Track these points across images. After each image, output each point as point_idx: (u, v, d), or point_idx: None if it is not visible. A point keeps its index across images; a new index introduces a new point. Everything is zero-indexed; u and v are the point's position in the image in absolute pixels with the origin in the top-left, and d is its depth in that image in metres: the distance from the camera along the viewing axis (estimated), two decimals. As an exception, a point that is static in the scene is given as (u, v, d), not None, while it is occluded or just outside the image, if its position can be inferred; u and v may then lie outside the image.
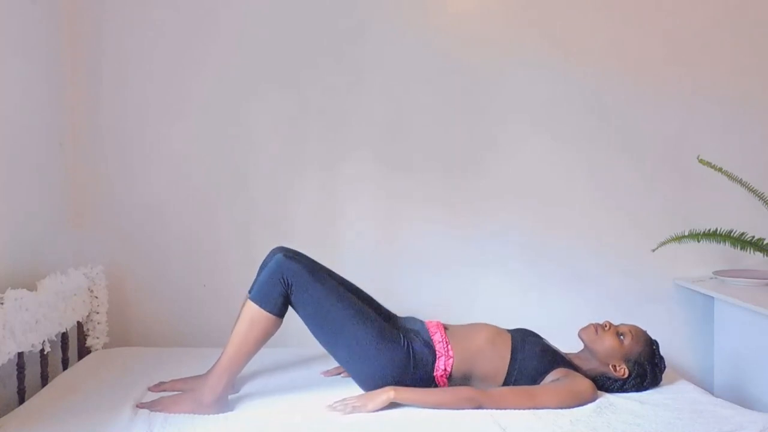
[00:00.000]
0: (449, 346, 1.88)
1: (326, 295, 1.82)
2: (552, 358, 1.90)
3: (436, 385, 1.86)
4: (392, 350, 1.83)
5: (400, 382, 1.81)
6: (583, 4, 2.56)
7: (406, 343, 1.86)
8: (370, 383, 1.82)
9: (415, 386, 1.82)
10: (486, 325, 1.99)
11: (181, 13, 2.49)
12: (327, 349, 1.89)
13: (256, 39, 2.51)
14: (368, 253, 2.54)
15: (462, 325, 2.00)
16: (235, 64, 2.51)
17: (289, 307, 1.84)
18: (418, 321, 2.01)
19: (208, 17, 2.50)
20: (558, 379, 1.85)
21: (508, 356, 1.89)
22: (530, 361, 1.87)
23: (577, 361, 1.96)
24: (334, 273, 1.98)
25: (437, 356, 1.86)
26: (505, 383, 1.87)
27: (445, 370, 1.85)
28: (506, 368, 1.87)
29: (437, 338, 1.90)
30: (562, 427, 1.64)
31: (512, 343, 1.92)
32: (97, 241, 2.48)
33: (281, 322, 1.81)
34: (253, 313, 1.78)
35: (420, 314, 2.41)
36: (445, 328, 1.96)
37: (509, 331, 1.98)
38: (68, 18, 2.43)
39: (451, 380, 1.87)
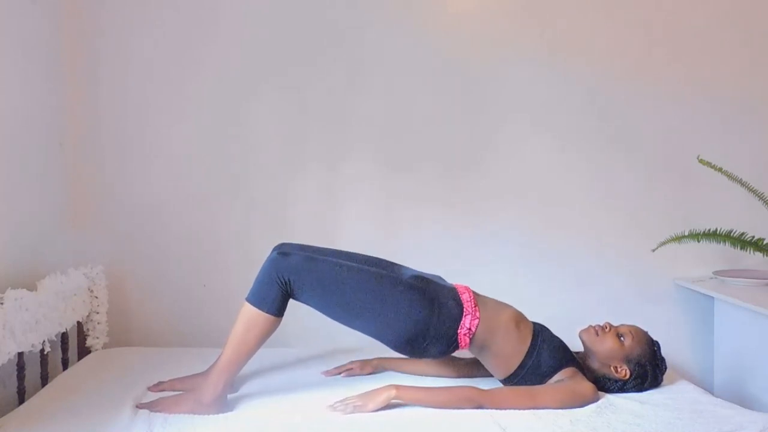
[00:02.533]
0: (477, 308, 1.87)
1: (328, 276, 1.80)
2: (566, 356, 1.90)
3: (457, 344, 1.84)
4: (413, 298, 1.81)
5: (424, 332, 1.79)
6: (583, 4, 2.56)
7: (430, 290, 1.84)
8: (401, 337, 1.80)
9: (436, 343, 1.81)
10: (513, 307, 1.97)
11: (181, 13, 2.49)
12: (351, 326, 1.86)
13: (256, 39, 2.51)
14: (368, 252, 2.53)
15: (490, 298, 1.97)
16: (234, 64, 2.52)
17: (288, 306, 1.83)
18: (444, 281, 1.98)
19: (208, 17, 2.50)
20: (561, 380, 1.85)
21: (528, 344, 1.88)
22: (548, 355, 1.87)
23: (581, 361, 1.96)
24: (336, 250, 1.96)
25: (464, 313, 1.84)
26: (516, 373, 1.87)
27: (470, 329, 1.83)
28: (523, 355, 1.86)
29: (465, 297, 1.89)
30: (562, 427, 1.64)
31: (533, 332, 1.91)
32: (97, 241, 2.48)
33: (280, 320, 1.81)
34: (251, 315, 1.77)
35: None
36: (474, 293, 1.94)
37: (531, 321, 1.97)
38: (68, 18, 2.43)
39: (472, 343, 1.85)
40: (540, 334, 1.92)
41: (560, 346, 1.92)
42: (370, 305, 1.80)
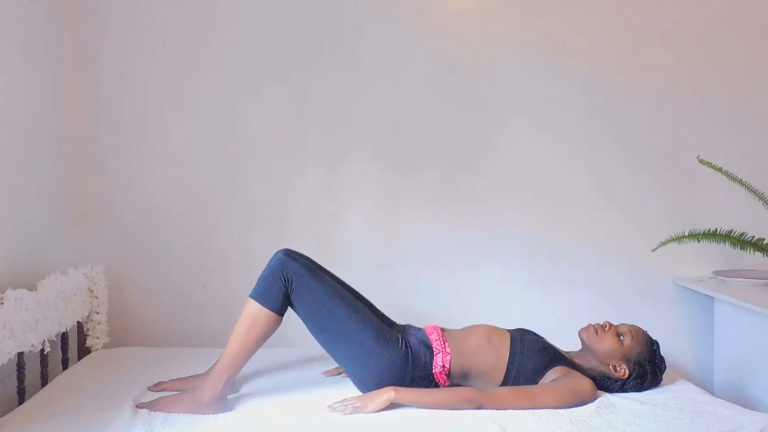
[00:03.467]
0: (446, 344, 1.89)
1: (326, 295, 1.83)
2: (552, 356, 1.90)
3: (435, 384, 1.86)
4: (390, 350, 1.83)
5: (399, 381, 1.81)
6: (583, 4, 2.56)
7: (403, 342, 1.87)
8: (370, 383, 1.82)
9: (414, 386, 1.82)
10: (483, 325, 2.00)
11: (181, 13, 2.49)
12: (326, 349, 1.90)
13: (256, 39, 2.51)
14: (368, 252, 2.54)
15: (458, 329, 2.01)
16: (235, 64, 2.51)
17: (289, 309, 1.84)
18: (415, 327, 2.02)
19: (208, 17, 2.50)
20: (557, 379, 1.85)
21: (507, 354, 1.89)
22: (529, 359, 1.88)
23: (577, 361, 1.96)
24: (334, 276, 1.99)
25: (434, 353, 1.87)
26: (505, 381, 1.87)
27: (444, 366, 1.85)
28: (505, 366, 1.88)
29: (434, 337, 1.92)
30: (561, 427, 1.64)
31: (511, 341, 1.92)
32: (97, 241, 2.48)
33: (281, 320, 1.82)
34: (254, 311, 1.79)
35: (419, 314, 2.43)
36: (442, 330, 1.97)
37: (509, 330, 1.98)
38: (68, 18, 2.43)
39: (450, 377, 1.87)
40: (518, 341, 1.92)
41: (543, 347, 1.93)
42: (353, 339, 1.83)
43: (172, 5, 2.49)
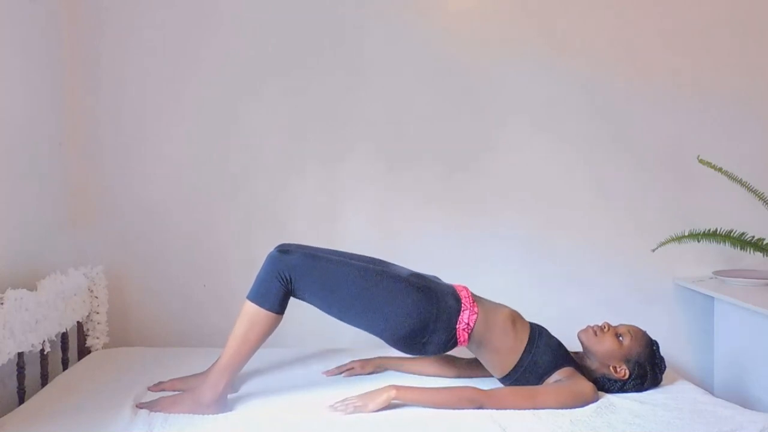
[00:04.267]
0: (474, 304, 1.88)
1: (328, 273, 1.81)
2: (564, 356, 1.91)
3: (455, 340, 1.85)
4: (412, 293, 1.82)
5: (423, 328, 1.80)
6: (583, 3, 2.56)
7: (428, 287, 1.85)
8: (400, 333, 1.81)
9: (436, 337, 1.82)
10: (509, 307, 1.97)
11: (181, 13, 2.49)
12: (350, 323, 1.87)
13: (256, 38, 2.51)
14: (368, 252, 2.51)
15: (487, 299, 1.98)
16: (235, 64, 2.51)
17: (288, 307, 1.83)
18: (441, 281, 1.99)
19: (208, 17, 2.50)
20: (560, 380, 1.85)
21: (525, 342, 1.88)
22: (543, 355, 1.87)
23: (581, 362, 1.96)
24: (334, 250, 1.96)
25: (462, 309, 1.86)
26: (514, 370, 1.87)
27: (468, 324, 1.84)
28: (520, 354, 1.87)
29: (463, 294, 1.91)
30: (561, 427, 1.64)
31: (530, 332, 1.92)
32: (97, 241, 2.48)
33: (281, 318, 1.81)
34: (252, 313, 1.78)
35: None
36: (472, 293, 1.95)
37: (530, 322, 1.97)
38: (68, 18, 2.43)
39: (470, 339, 1.86)
40: (537, 333, 1.92)
41: (558, 345, 1.93)
42: (369, 302, 1.81)
43: (172, 5, 2.49)
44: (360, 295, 1.81)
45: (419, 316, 1.81)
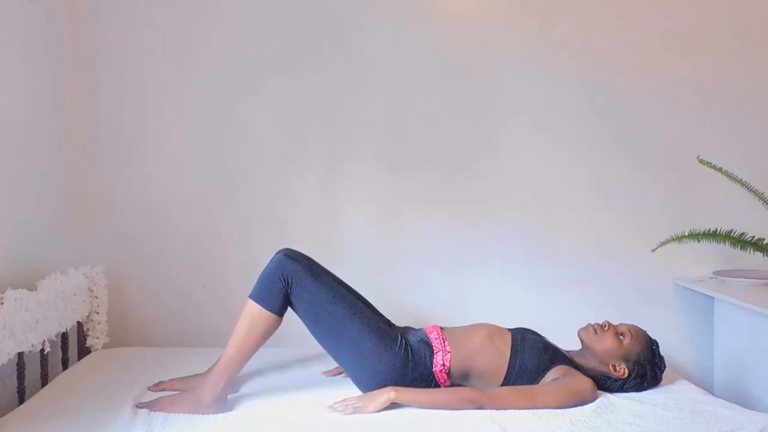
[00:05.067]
0: (446, 342, 1.89)
1: (326, 295, 1.83)
2: (553, 356, 1.90)
3: (436, 383, 1.86)
4: (391, 350, 1.83)
5: (399, 381, 1.81)
6: (583, 3, 2.56)
7: (403, 341, 1.87)
8: (370, 383, 1.82)
9: (415, 385, 1.82)
10: (484, 324, 2.00)
11: (181, 13, 2.49)
12: (326, 349, 1.90)
13: (256, 38, 2.51)
14: (368, 252, 2.54)
15: (459, 327, 2.01)
16: (235, 64, 2.51)
17: (289, 308, 1.84)
18: (413, 328, 2.02)
19: (208, 17, 2.50)
20: (558, 378, 1.85)
21: (508, 353, 1.89)
22: (530, 359, 1.87)
23: (577, 360, 1.96)
24: (334, 276, 1.98)
25: (434, 351, 1.87)
26: (506, 381, 1.87)
27: (444, 365, 1.85)
28: (506, 365, 1.87)
29: (434, 336, 1.92)
30: (561, 427, 1.64)
31: (512, 340, 1.92)
32: (97, 241, 2.48)
33: (281, 321, 1.82)
34: (254, 312, 1.79)
35: (419, 313, 2.43)
36: (442, 329, 1.97)
37: (509, 329, 1.98)
38: (68, 18, 2.43)
39: (450, 376, 1.87)
40: (520, 340, 1.92)
41: (544, 346, 1.93)
42: (353, 339, 1.83)
43: (172, 5, 2.49)
44: (345, 329, 1.84)
45: (397, 370, 1.82)
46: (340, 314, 1.83)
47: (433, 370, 1.85)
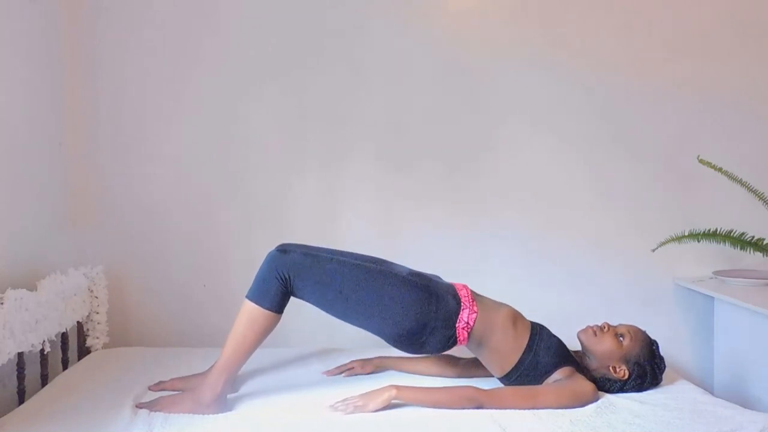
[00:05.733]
0: (474, 303, 1.88)
1: (327, 272, 1.81)
2: (564, 355, 1.91)
3: (455, 339, 1.85)
4: (411, 292, 1.82)
5: (423, 326, 1.80)
6: (583, 3, 2.56)
7: (428, 286, 1.85)
8: (399, 332, 1.81)
9: (436, 335, 1.82)
10: (510, 306, 1.97)
11: (181, 13, 2.49)
12: (350, 322, 1.87)
13: (256, 39, 2.51)
14: (368, 252, 2.52)
15: (487, 297, 1.98)
16: (234, 64, 2.51)
17: (288, 305, 1.84)
18: (442, 280, 1.99)
19: (208, 17, 2.50)
20: (560, 380, 1.85)
21: (526, 341, 1.88)
22: (544, 354, 1.87)
23: (579, 361, 1.96)
24: (332, 249, 1.96)
25: (462, 307, 1.86)
26: (514, 369, 1.87)
27: (468, 323, 1.84)
28: (520, 353, 1.87)
29: (463, 293, 1.90)
30: (561, 427, 1.64)
31: (531, 331, 1.92)
32: (97, 241, 2.48)
33: (280, 317, 1.81)
34: (251, 312, 1.78)
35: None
36: (472, 291, 1.95)
37: (530, 321, 1.97)
38: (68, 18, 2.43)
39: (470, 338, 1.86)
40: (538, 332, 1.92)
41: (558, 345, 1.92)
42: (368, 301, 1.81)
43: (172, 5, 2.49)
44: (358, 294, 1.82)
45: (418, 315, 1.81)
46: (347, 282, 1.81)
47: (457, 325, 1.84)
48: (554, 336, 1.95)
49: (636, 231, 2.58)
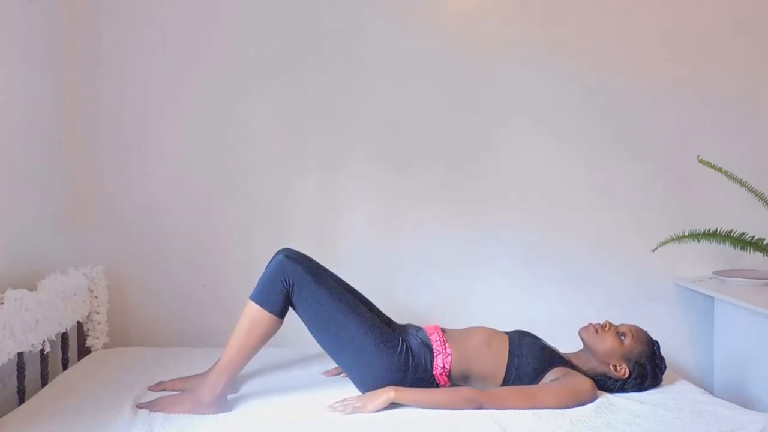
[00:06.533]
0: (446, 345, 1.89)
1: (326, 296, 1.83)
2: (550, 358, 1.90)
3: (436, 385, 1.86)
4: (391, 353, 1.83)
5: (400, 383, 1.81)
6: (583, 4, 2.56)
7: (404, 345, 1.87)
8: (370, 385, 1.82)
9: (415, 387, 1.82)
10: (482, 327, 2.00)
11: (181, 13, 2.49)
12: (326, 350, 1.90)
13: (256, 38, 2.51)
14: (368, 252, 2.54)
15: (459, 329, 2.01)
16: (234, 64, 2.51)
17: (290, 308, 1.84)
18: (415, 326, 2.02)
19: (208, 17, 2.50)
20: (557, 379, 1.85)
21: (506, 356, 1.89)
22: (528, 361, 1.88)
23: (576, 361, 1.96)
24: (336, 276, 1.98)
25: (435, 354, 1.87)
26: (504, 383, 1.87)
27: (444, 367, 1.86)
28: (504, 368, 1.88)
29: (434, 338, 1.91)
30: (561, 427, 1.64)
31: (509, 343, 1.92)
32: (97, 241, 2.48)
33: (281, 322, 1.82)
34: (254, 314, 1.79)
35: (419, 313, 2.42)
36: (443, 330, 1.96)
37: (506, 332, 1.98)
38: (68, 18, 2.43)
39: (451, 379, 1.87)
40: (516, 343, 1.92)
41: (541, 348, 1.93)
42: (353, 341, 1.83)
43: (172, 5, 2.49)
44: (346, 332, 1.83)
45: (396, 374, 1.82)
46: (341, 316, 1.83)
47: (434, 372, 1.86)
48: (537, 340, 1.96)
49: (636, 231, 2.58)
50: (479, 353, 1.89)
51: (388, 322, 2.03)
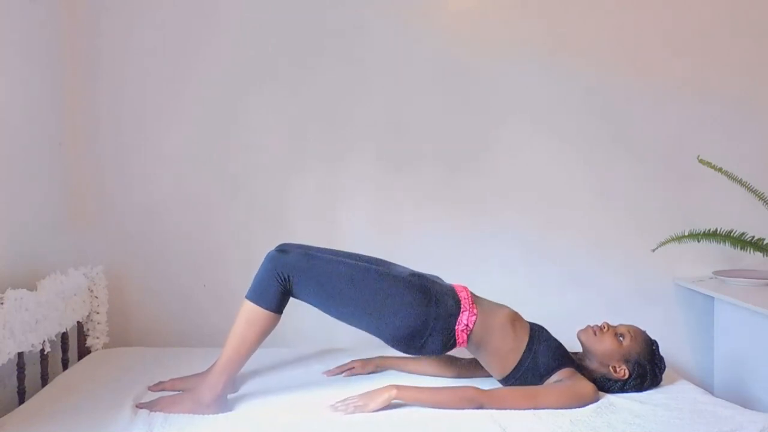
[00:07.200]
0: (474, 305, 1.88)
1: (326, 273, 1.81)
2: (564, 357, 1.91)
3: (454, 341, 1.85)
4: (411, 295, 1.82)
5: (422, 329, 1.80)
6: (583, 4, 2.56)
7: (428, 288, 1.85)
8: (399, 334, 1.81)
9: (434, 338, 1.82)
10: (509, 307, 1.97)
11: (181, 13, 2.49)
12: (349, 323, 1.87)
13: (256, 38, 2.51)
14: (368, 252, 2.53)
15: (486, 299, 1.98)
16: (234, 63, 2.51)
17: (287, 306, 1.83)
18: (442, 281, 1.99)
19: (208, 17, 2.51)
20: (561, 381, 1.85)
21: (525, 343, 1.88)
22: (543, 356, 1.87)
23: (582, 363, 1.95)
24: (332, 249, 1.96)
25: (461, 310, 1.86)
26: (514, 371, 1.87)
27: (467, 325, 1.84)
28: (520, 355, 1.87)
29: (463, 295, 1.90)
30: (561, 427, 1.64)
31: (530, 332, 1.91)
32: (97, 241, 2.48)
33: (279, 318, 1.81)
34: (250, 312, 1.78)
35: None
36: (472, 293, 1.95)
37: (529, 322, 1.97)
38: (68, 18, 2.43)
39: (470, 340, 1.85)
40: (537, 334, 1.92)
41: (558, 346, 1.92)
42: (368, 302, 1.81)
43: (172, 5, 2.49)
44: (358, 296, 1.81)
45: (417, 317, 1.81)
46: (346, 282, 1.81)
47: (456, 327, 1.84)
48: (553, 337, 1.95)
49: (636, 231, 2.58)
50: (503, 328, 1.88)
51: (411, 273, 1.94)
